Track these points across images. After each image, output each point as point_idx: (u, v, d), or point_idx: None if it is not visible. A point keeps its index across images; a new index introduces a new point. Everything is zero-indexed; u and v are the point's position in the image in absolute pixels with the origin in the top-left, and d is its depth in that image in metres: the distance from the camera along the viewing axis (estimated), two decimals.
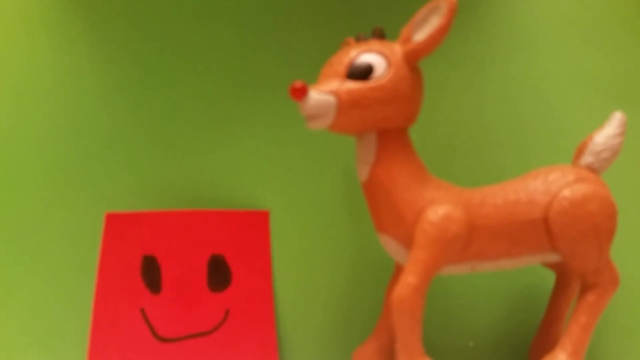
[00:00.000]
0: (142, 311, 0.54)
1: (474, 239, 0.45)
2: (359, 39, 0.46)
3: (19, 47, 0.58)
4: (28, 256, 0.56)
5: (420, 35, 0.44)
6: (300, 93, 0.42)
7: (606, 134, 0.47)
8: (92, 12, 0.59)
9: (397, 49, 0.45)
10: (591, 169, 0.47)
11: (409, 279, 0.43)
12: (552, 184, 0.45)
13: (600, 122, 0.50)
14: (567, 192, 0.45)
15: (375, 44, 0.45)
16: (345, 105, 0.43)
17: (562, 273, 0.52)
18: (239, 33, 0.59)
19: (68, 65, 0.58)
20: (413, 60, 0.44)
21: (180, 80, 0.59)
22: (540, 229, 0.45)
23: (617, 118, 0.48)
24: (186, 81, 0.59)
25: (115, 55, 0.59)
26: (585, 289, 0.46)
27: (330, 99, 0.43)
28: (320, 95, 0.43)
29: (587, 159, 0.47)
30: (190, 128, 0.58)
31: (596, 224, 0.44)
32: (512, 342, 0.57)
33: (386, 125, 0.45)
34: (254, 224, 0.57)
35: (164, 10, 0.59)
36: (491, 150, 0.59)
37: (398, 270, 0.50)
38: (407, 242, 0.45)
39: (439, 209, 0.44)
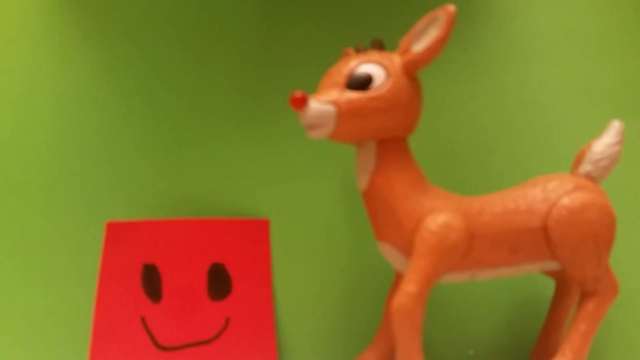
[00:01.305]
0: (143, 320, 0.54)
1: (473, 247, 0.45)
2: (359, 50, 0.47)
3: (19, 57, 0.58)
4: (29, 265, 0.56)
5: (419, 46, 0.44)
6: (301, 103, 0.42)
7: (604, 143, 0.48)
8: (92, 23, 0.59)
9: (396, 59, 0.45)
10: (590, 177, 0.47)
11: (408, 288, 0.43)
12: (551, 193, 0.45)
13: (598, 131, 0.50)
14: (566, 201, 0.45)
15: (374, 54, 0.45)
16: (345, 115, 0.44)
17: (562, 281, 0.52)
18: (238, 43, 0.60)
19: (68, 75, 0.59)
20: (412, 71, 0.45)
21: (181, 90, 0.59)
22: (540, 237, 0.45)
23: (615, 127, 0.48)
24: (187, 90, 0.59)
25: (115, 64, 0.59)
26: (584, 297, 0.46)
27: (330, 108, 0.43)
28: (320, 105, 0.43)
29: (585, 167, 0.47)
30: (191, 137, 0.59)
31: (595, 232, 0.44)
32: (512, 350, 0.57)
33: (385, 134, 0.45)
34: (254, 233, 0.57)
35: (164, 20, 0.60)
36: (490, 159, 0.59)
37: (398, 278, 0.51)
38: (407, 250, 0.45)
39: (439, 218, 0.44)
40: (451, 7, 0.43)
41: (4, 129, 0.58)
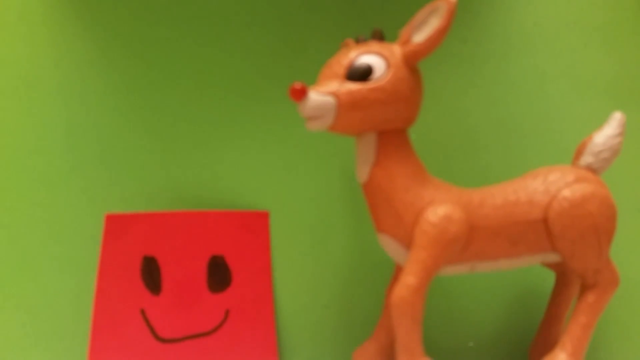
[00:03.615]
0: (142, 312, 0.54)
1: (473, 239, 0.45)
2: (359, 41, 0.46)
3: (19, 48, 0.58)
4: (28, 257, 0.56)
5: (420, 37, 0.44)
6: (300, 94, 0.42)
7: (606, 135, 0.48)
8: (93, 14, 0.59)
9: (396, 50, 0.45)
10: (591, 169, 0.47)
11: (408, 280, 0.43)
12: (552, 185, 0.45)
13: (599, 123, 0.50)
14: (566, 193, 0.45)
15: (374, 45, 0.45)
16: (345, 106, 0.43)
17: (562, 273, 0.52)
18: (238, 34, 0.59)
19: (68, 67, 0.58)
20: (412, 62, 0.45)
21: (180, 82, 0.59)
22: (540, 229, 0.45)
23: (616, 118, 0.48)
24: (186, 82, 0.59)
25: (115, 56, 0.59)
26: (585, 289, 0.46)
27: (330, 100, 0.43)
28: (319, 96, 0.43)
29: (586, 159, 0.47)
30: (190, 129, 0.58)
31: (596, 224, 0.44)
32: (512, 342, 0.57)
33: (386, 126, 0.45)
34: (254, 225, 0.57)
35: (165, 12, 0.59)
36: (491, 151, 0.59)
37: (398, 270, 0.51)
38: (407, 242, 0.45)
39: (439, 210, 0.44)
40: None
41: (3, 121, 0.57)
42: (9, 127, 0.57)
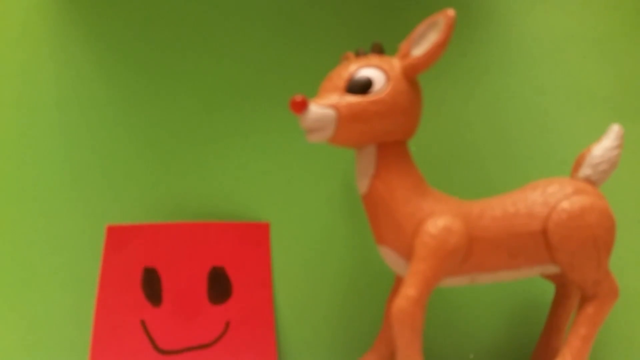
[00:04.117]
0: (143, 323, 0.54)
1: (473, 251, 0.45)
2: (359, 54, 0.47)
3: (20, 60, 0.59)
4: (29, 269, 0.56)
5: (419, 50, 0.44)
6: (301, 106, 0.43)
7: (604, 147, 0.48)
8: (94, 26, 0.59)
9: (396, 63, 0.45)
10: (589, 181, 0.47)
11: (408, 291, 0.43)
12: (551, 196, 0.46)
13: (598, 135, 0.50)
14: (565, 204, 0.45)
15: (374, 58, 0.46)
16: (345, 119, 0.44)
17: (562, 285, 0.52)
18: (239, 47, 0.60)
19: (70, 78, 0.59)
20: (412, 75, 0.45)
21: (180, 93, 0.59)
22: (539, 241, 0.45)
23: (614, 131, 0.48)
24: (186, 94, 0.59)
25: (115, 68, 0.59)
26: (584, 300, 0.46)
27: (330, 112, 0.44)
28: (320, 108, 0.43)
29: (585, 171, 0.48)
30: (191, 141, 0.59)
31: (595, 236, 0.44)
32: (513, 354, 0.57)
33: (385, 138, 0.45)
34: (255, 236, 0.57)
35: (166, 24, 0.60)
36: (490, 163, 0.59)
37: (398, 282, 0.51)
38: (407, 254, 0.45)
39: (439, 221, 0.44)
40: (451, 12, 0.43)
41: (4, 132, 0.58)
42: (9, 139, 0.58)
